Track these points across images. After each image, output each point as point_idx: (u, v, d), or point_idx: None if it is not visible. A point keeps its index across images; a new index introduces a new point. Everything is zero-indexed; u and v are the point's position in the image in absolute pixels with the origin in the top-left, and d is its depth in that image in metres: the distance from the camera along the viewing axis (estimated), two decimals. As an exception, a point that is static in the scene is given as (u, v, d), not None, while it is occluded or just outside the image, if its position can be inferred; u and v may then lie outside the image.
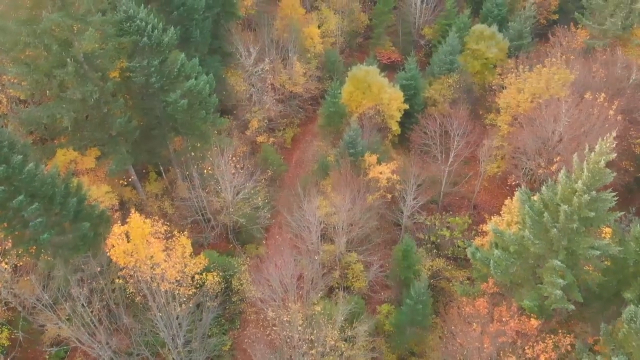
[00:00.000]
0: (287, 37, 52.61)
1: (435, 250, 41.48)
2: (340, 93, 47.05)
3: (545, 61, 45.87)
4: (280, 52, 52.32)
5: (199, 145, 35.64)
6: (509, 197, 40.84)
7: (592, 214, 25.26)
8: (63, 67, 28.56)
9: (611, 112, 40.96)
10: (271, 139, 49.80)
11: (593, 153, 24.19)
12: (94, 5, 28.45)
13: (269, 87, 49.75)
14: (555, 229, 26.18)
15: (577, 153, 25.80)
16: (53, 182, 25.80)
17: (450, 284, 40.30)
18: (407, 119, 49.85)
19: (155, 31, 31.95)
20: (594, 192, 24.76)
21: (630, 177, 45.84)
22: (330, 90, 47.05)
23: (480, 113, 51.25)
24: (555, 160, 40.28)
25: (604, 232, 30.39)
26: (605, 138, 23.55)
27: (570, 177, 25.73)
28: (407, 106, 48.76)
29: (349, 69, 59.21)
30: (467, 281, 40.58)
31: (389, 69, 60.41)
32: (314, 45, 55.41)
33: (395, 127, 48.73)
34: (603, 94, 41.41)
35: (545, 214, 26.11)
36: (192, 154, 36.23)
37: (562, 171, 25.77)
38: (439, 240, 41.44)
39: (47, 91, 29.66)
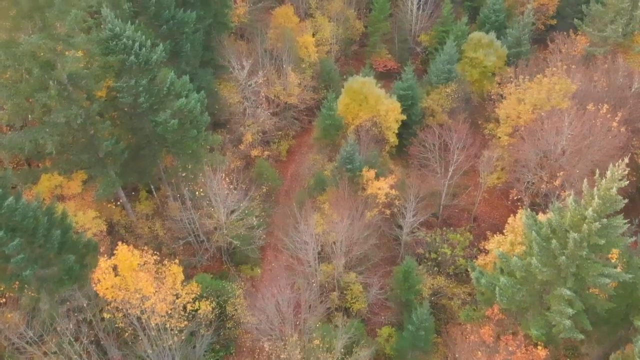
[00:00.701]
0: (281, 46, 51.29)
1: (436, 268, 40.31)
2: (336, 105, 45.81)
3: (545, 70, 44.80)
4: (274, 62, 50.98)
5: (189, 166, 34.23)
6: (511, 215, 39.70)
7: (603, 241, 24.16)
8: (45, 90, 27.14)
9: (614, 124, 39.98)
10: (266, 152, 48.46)
11: (604, 179, 23.08)
12: (77, 24, 26.99)
13: (263, 99, 48.41)
14: (563, 256, 25.06)
15: (587, 178, 24.63)
16: (35, 215, 24.41)
17: (452, 302, 39.25)
18: (405, 129, 48.83)
19: (143, 49, 30.54)
20: (604, 220, 23.66)
21: (632, 187, 44.80)
22: (326, 102, 45.81)
23: (479, 123, 50.16)
24: (558, 174, 39.20)
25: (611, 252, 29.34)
26: (617, 164, 22.43)
27: (579, 203, 24.59)
28: (404, 117, 47.70)
29: (345, 77, 58.19)
30: (469, 297, 39.57)
31: (385, 77, 59.25)
32: (309, 54, 54.10)
33: (392, 139, 47.65)
34: (606, 105, 40.39)
35: (554, 241, 24.96)
36: (184, 174, 34.85)
37: (570, 197, 24.61)
38: (440, 258, 40.25)
39: (29, 115, 28.21)
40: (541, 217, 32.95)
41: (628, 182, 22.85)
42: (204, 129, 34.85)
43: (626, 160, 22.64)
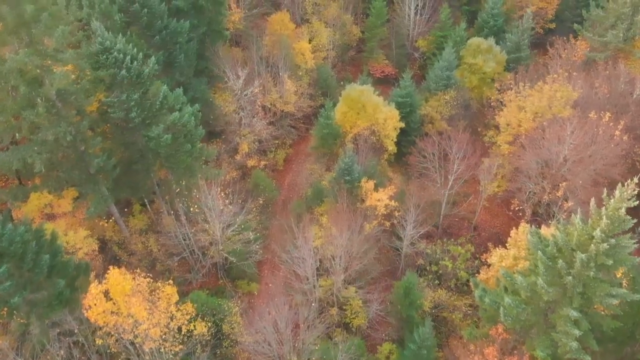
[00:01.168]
0: (277, 53, 50.44)
1: (436, 282, 39.52)
2: (333, 114, 44.97)
3: (546, 77, 44.02)
4: (270, 70, 50.09)
5: (183, 182, 33.30)
6: (513, 224, 38.90)
7: (610, 261, 23.40)
8: (33, 107, 26.18)
9: (617, 132, 39.27)
10: (262, 162, 47.60)
11: (612, 199, 22.32)
12: (65, 39, 26.03)
13: (259, 108, 47.51)
14: (570, 277, 24.31)
15: (594, 197, 23.85)
16: (23, 240, 23.50)
17: (453, 315, 38.51)
18: (404, 136, 48.05)
19: (135, 62, 29.62)
20: (612, 240, 22.90)
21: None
22: (323, 111, 44.96)
23: (479, 130, 49.41)
24: (560, 184, 38.45)
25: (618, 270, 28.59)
26: (626, 184, 21.68)
27: (586, 222, 23.82)
28: (403, 124, 46.91)
29: (342, 83, 57.47)
30: (470, 309, 38.83)
31: (383, 83, 58.54)
32: (306, 61, 53.25)
33: (391, 147, 46.82)
34: (608, 114, 39.69)
35: (560, 261, 24.19)
36: (177, 189, 33.94)
37: (577, 217, 23.82)
38: (440, 271, 39.45)
39: (17, 134, 27.25)
40: (544, 231, 32.30)
41: (638, 202, 22.00)
42: (199, 142, 33.93)
43: (636, 179, 21.86)
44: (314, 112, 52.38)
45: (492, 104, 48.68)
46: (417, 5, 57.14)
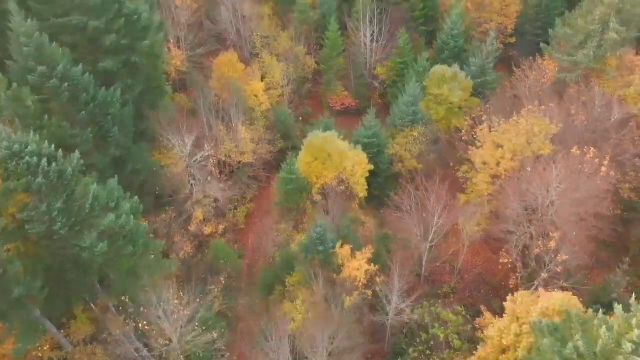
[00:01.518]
0: (228, 97, 45.55)
1: (428, 352, 35.72)
2: (297, 168, 40.49)
3: (522, 111, 40.80)
4: (222, 118, 45.04)
5: (127, 299, 28.00)
6: (510, 295, 34.50)
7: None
8: None
9: (604, 169, 36.57)
10: (221, 226, 42.61)
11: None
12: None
13: (213, 167, 42.44)
14: (596, 389, 20.86)
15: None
16: None
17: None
18: (373, 178, 44.51)
19: (54, 164, 24.23)
20: (645, 351, 19.51)
21: (617, 220, 41.55)
22: (285, 166, 40.45)
23: (450, 164, 46.06)
24: (552, 234, 35.27)
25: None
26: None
27: (612, 330, 20.32)
28: (372, 166, 43.14)
29: (300, 119, 53.31)
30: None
31: (344, 114, 54.97)
32: (260, 103, 48.58)
33: (362, 193, 42.94)
34: (593, 149, 36.95)
35: (584, 375, 20.69)
36: (122, 298, 28.69)
37: (603, 329, 20.27)
38: (432, 342, 35.67)
39: None
40: (544, 296, 29.17)
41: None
42: (142, 239, 28.71)
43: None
44: (274, 157, 47.99)
45: (463, 137, 45.26)
46: (373, 32, 53.18)
